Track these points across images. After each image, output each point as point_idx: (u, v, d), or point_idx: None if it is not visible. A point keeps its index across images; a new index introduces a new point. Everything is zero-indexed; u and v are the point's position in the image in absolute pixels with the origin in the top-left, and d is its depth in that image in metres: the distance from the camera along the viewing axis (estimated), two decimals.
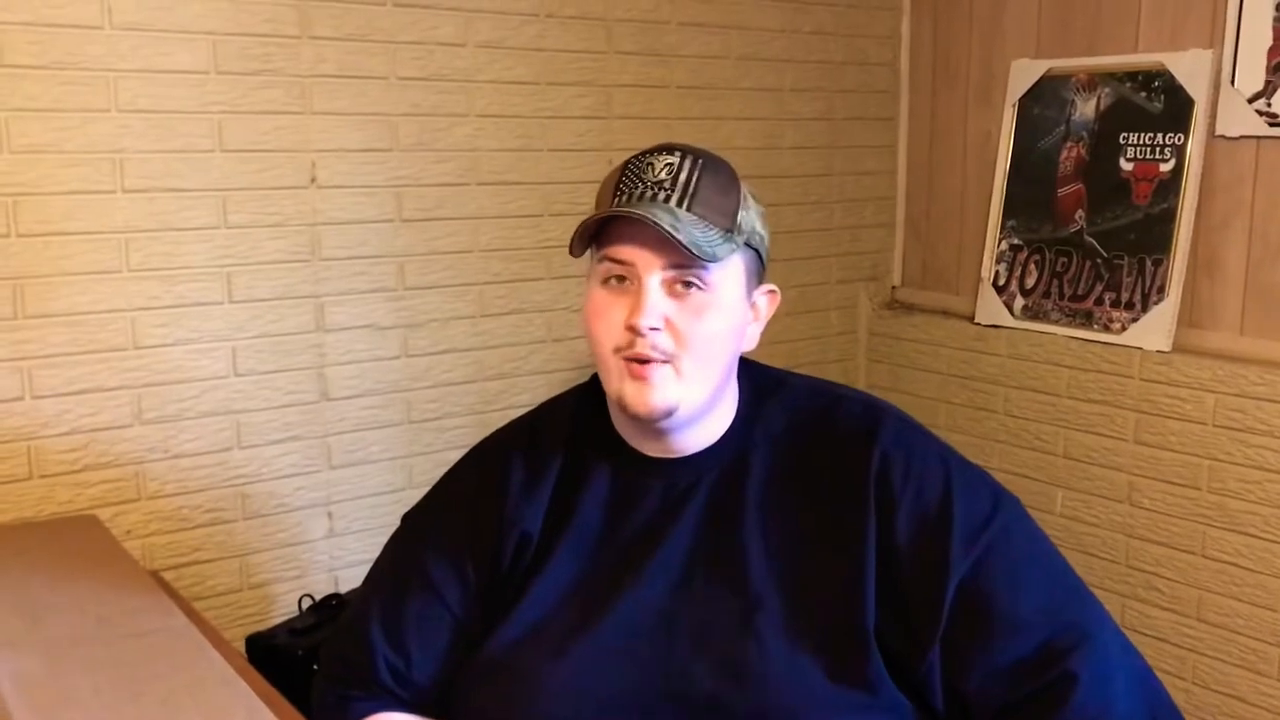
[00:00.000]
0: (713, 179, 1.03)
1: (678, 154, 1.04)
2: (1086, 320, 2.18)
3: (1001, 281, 2.33)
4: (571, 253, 1.04)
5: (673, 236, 0.97)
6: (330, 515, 1.89)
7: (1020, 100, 2.30)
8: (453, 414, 1.98)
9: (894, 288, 2.58)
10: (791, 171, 2.38)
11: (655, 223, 0.97)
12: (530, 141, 2.01)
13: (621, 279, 1.02)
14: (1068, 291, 2.21)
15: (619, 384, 1.02)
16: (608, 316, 1.02)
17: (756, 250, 1.06)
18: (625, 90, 2.12)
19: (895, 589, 1.01)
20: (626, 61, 2.11)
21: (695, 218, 1.00)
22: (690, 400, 1.02)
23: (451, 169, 1.93)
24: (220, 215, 1.72)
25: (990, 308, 2.35)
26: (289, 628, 1.71)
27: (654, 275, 1.00)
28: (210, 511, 1.77)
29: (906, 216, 2.57)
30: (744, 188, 1.06)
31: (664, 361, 1.01)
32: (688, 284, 1.01)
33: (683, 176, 1.02)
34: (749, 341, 1.08)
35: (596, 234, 1.03)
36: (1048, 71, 2.24)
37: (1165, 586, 2.08)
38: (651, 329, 0.99)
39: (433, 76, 1.89)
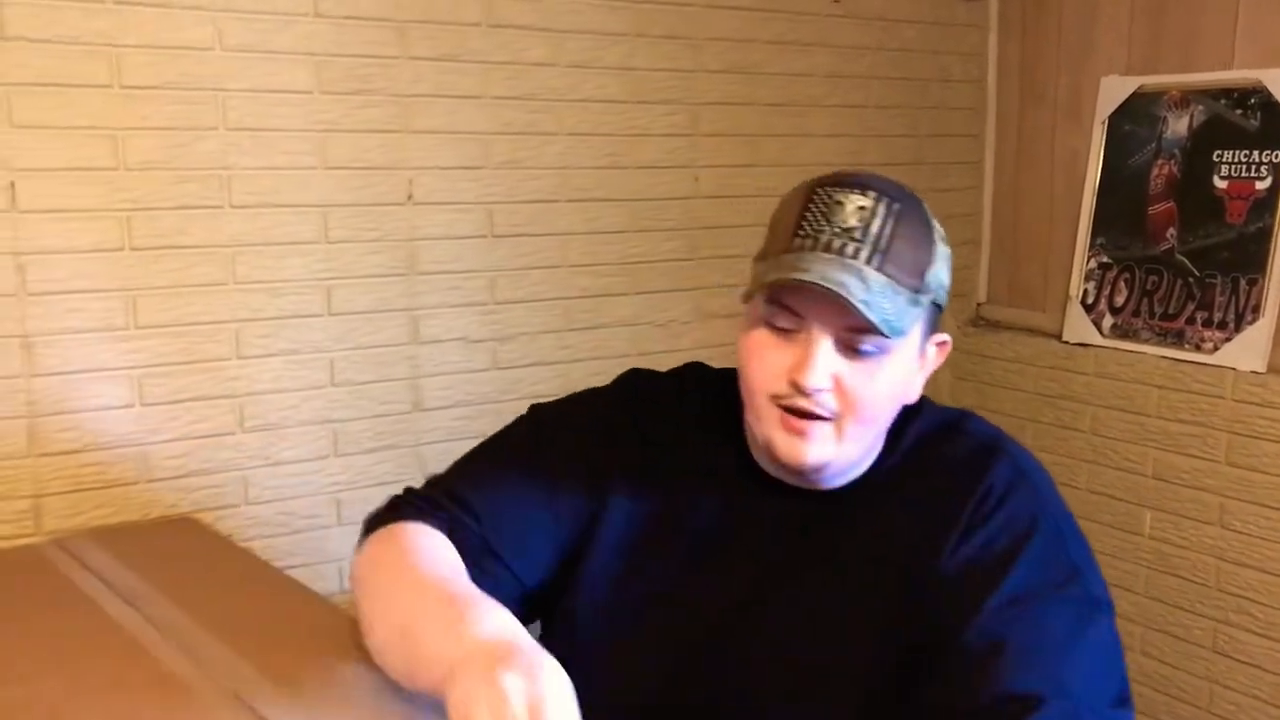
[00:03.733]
0: (907, 231, 0.93)
1: (872, 195, 0.94)
2: (1178, 340, 2.15)
3: (1090, 300, 2.31)
4: (743, 299, 0.97)
5: (863, 316, 0.89)
6: None
7: (1110, 117, 2.28)
8: None
9: (979, 305, 2.57)
10: None
11: (848, 299, 0.89)
12: (618, 159, 2.04)
13: (790, 330, 0.95)
14: (1158, 310, 2.19)
15: (769, 430, 0.97)
16: (768, 361, 0.96)
17: (938, 304, 0.99)
18: (712, 108, 2.14)
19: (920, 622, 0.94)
20: (713, 80, 2.14)
21: (885, 281, 0.91)
22: (844, 459, 0.98)
23: (541, 186, 1.97)
24: (322, 230, 1.78)
25: (1078, 326, 2.32)
26: None
27: (829, 335, 0.93)
28: (307, 518, 1.82)
29: (992, 233, 2.56)
30: (936, 233, 0.97)
31: (826, 419, 0.95)
32: (864, 347, 0.94)
33: (875, 226, 0.92)
34: (911, 394, 1.01)
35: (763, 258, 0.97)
36: (1139, 89, 2.22)
37: (1259, 611, 2.04)
38: (820, 389, 0.93)
39: (525, 96, 1.93)
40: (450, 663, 0.82)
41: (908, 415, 1.03)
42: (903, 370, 0.97)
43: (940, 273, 0.97)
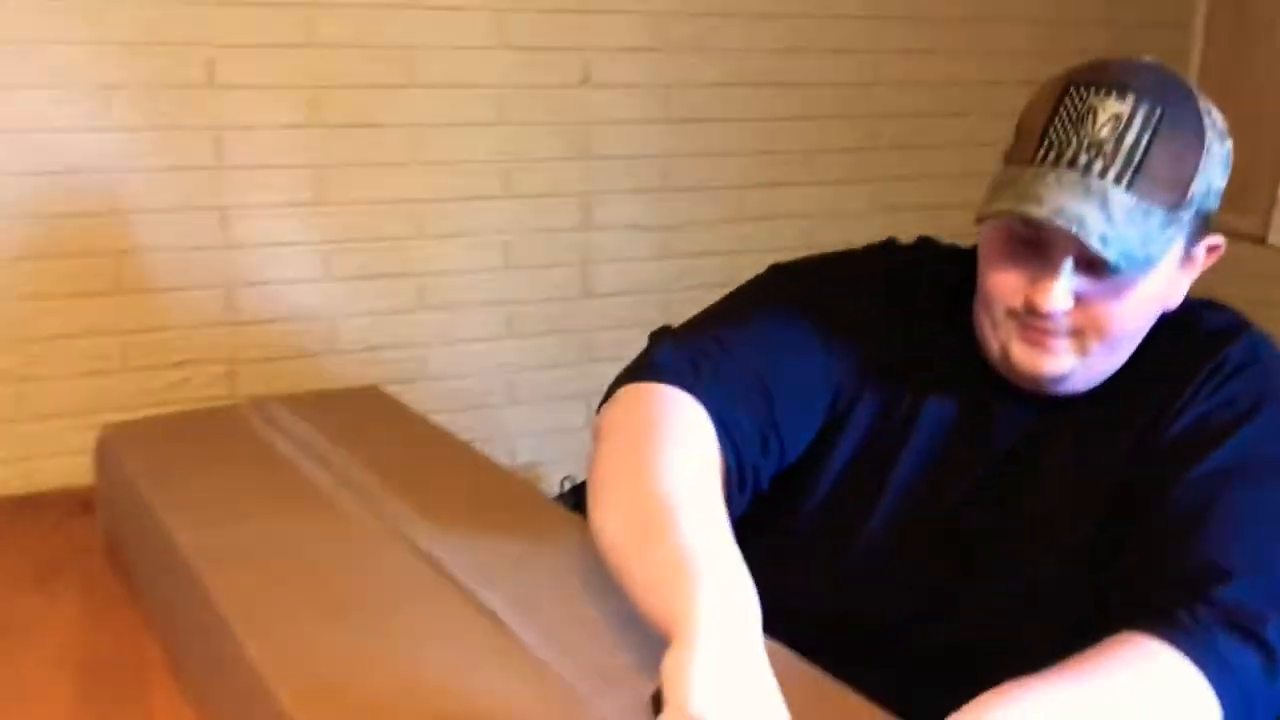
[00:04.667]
0: (1169, 140, 0.83)
1: (1130, 99, 0.84)
2: None
3: None
4: (975, 221, 0.88)
5: (1100, 254, 0.81)
6: (589, 407, 1.97)
7: None
8: None
9: None
10: None
11: (1084, 238, 0.81)
12: (800, 43, 1.99)
13: (1031, 240, 0.87)
14: None
15: (1006, 339, 0.91)
16: (1006, 275, 0.89)
17: (1208, 211, 0.88)
18: None
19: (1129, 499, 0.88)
20: None
21: (1134, 202, 0.82)
22: (1088, 376, 0.91)
23: (720, 70, 1.94)
24: (500, 112, 1.79)
25: None
26: None
27: (1071, 254, 0.85)
28: (481, 396, 1.88)
29: None
30: (1210, 132, 0.86)
31: (1067, 334, 0.88)
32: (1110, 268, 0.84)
33: (1130, 137, 0.83)
34: (1171, 301, 0.92)
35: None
36: None
37: None
38: (1060, 312, 0.86)
39: None
40: (672, 623, 0.76)
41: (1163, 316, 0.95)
42: (1157, 284, 0.88)
43: (1211, 178, 0.87)
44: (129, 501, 1.23)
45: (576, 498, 1.82)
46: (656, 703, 0.71)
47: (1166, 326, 0.94)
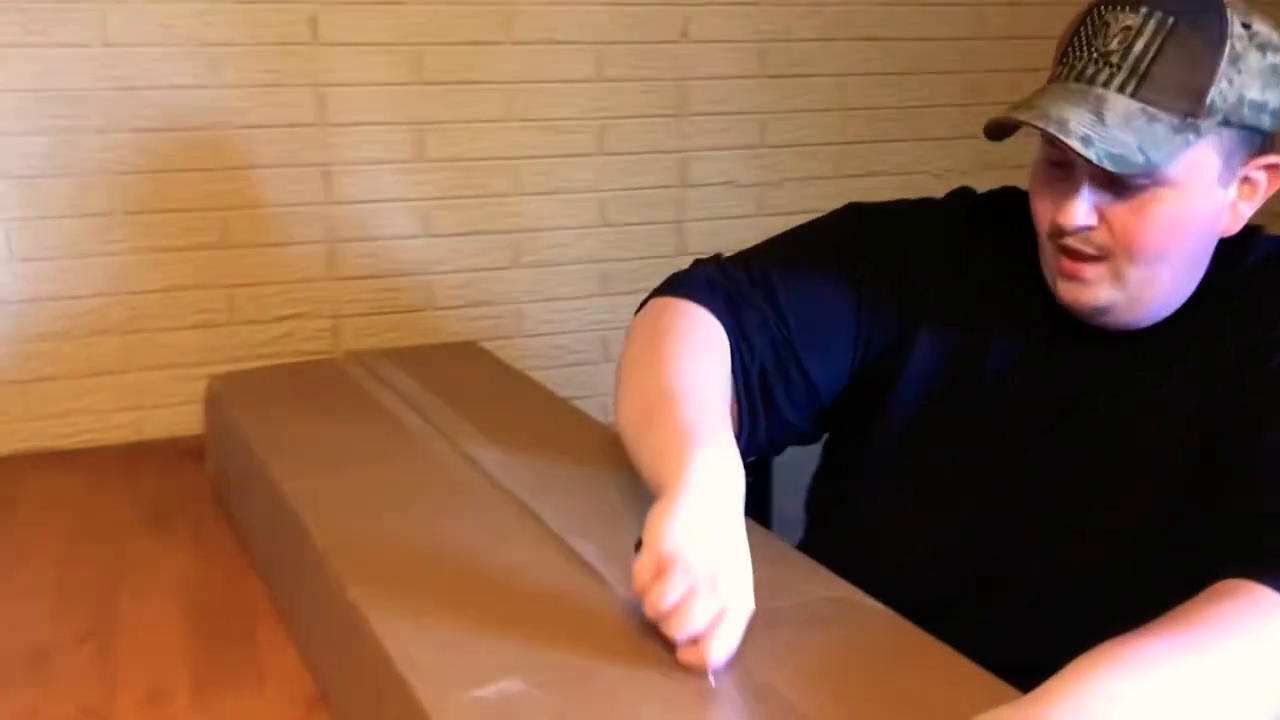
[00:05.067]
0: (1181, 47, 0.83)
1: (1143, 11, 0.84)
2: None
3: None
4: (989, 137, 0.90)
5: (1080, 155, 0.82)
6: None
7: None
8: None
9: None
10: None
11: (1057, 135, 0.82)
12: None
13: (1061, 164, 0.88)
14: None
15: (1051, 272, 0.92)
16: (1042, 199, 0.90)
17: (1252, 126, 0.85)
18: None
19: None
20: None
21: (1138, 108, 0.83)
22: (1129, 305, 0.89)
23: (819, 24, 1.90)
24: (596, 69, 1.79)
25: None
26: None
27: (1086, 170, 0.86)
28: (576, 353, 1.89)
29: None
30: (1238, 44, 0.83)
31: (1099, 259, 0.88)
32: (1131, 180, 0.84)
33: (1138, 46, 0.83)
34: (1224, 225, 0.89)
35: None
36: None
37: None
38: (1080, 228, 0.87)
39: None
40: (662, 483, 0.83)
41: (1242, 246, 0.92)
42: (1193, 204, 0.86)
43: (1242, 88, 0.84)
44: (237, 449, 1.27)
45: None
46: (638, 546, 0.79)
47: (1243, 257, 0.92)
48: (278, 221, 1.66)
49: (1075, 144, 0.81)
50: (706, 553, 0.76)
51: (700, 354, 0.97)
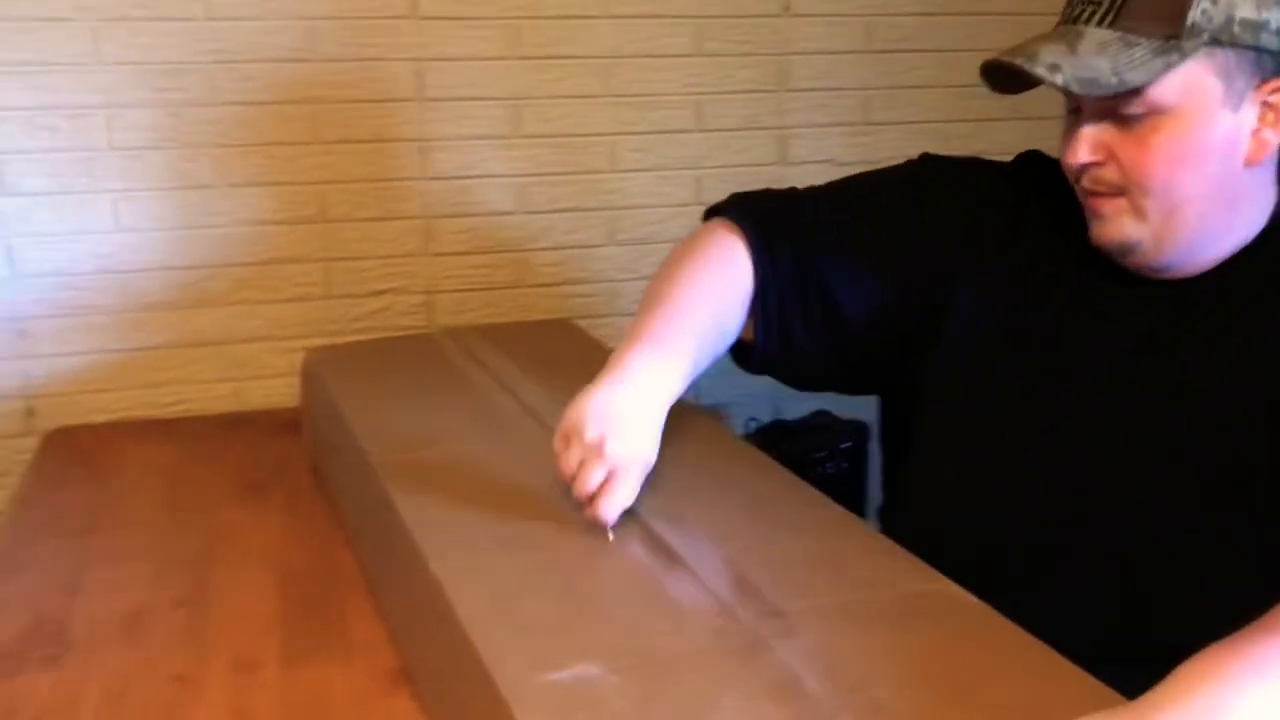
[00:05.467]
0: None
1: None
2: None
3: None
4: (991, 89, 0.94)
5: (1046, 80, 0.85)
6: None
7: None
8: None
9: None
10: None
11: (1029, 69, 0.85)
12: None
13: (1074, 110, 0.91)
14: None
15: (1086, 216, 0.94)
16: (1063, 145, 0.93)
17: (1251, 45, 0.85)
18: None
19: None
20: None
21: (1113, 36, 0.85)
22: (1155, 241, 0.89)
23: None
24: (695, 43, 1.76)
25: None
26: None
27: (1088, 106, 0.88)
28: None
29: None
30: None
31: (1117, 194, 0.89)
32: (1127, 111, 0.86)
33: None
34: (1255, 152, 0.88)
35: None
36: None
37: None
38: (1085, 164, 0.89)
39: None
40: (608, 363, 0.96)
41: None
42: (1195, 130, 0.86)
43: (1233, 9, 0.84)
44: (330, 422, 1.28)
45: (763, 437, 1.80)
46: None
47: None
48: (375, 196, 1.67)
49: (1041, 71, 0.85)
50: (597, 423, 0.90)
51: (702, 269, 1.05)
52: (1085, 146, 0.88)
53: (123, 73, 1.53)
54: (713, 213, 1.14)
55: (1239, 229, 0.91)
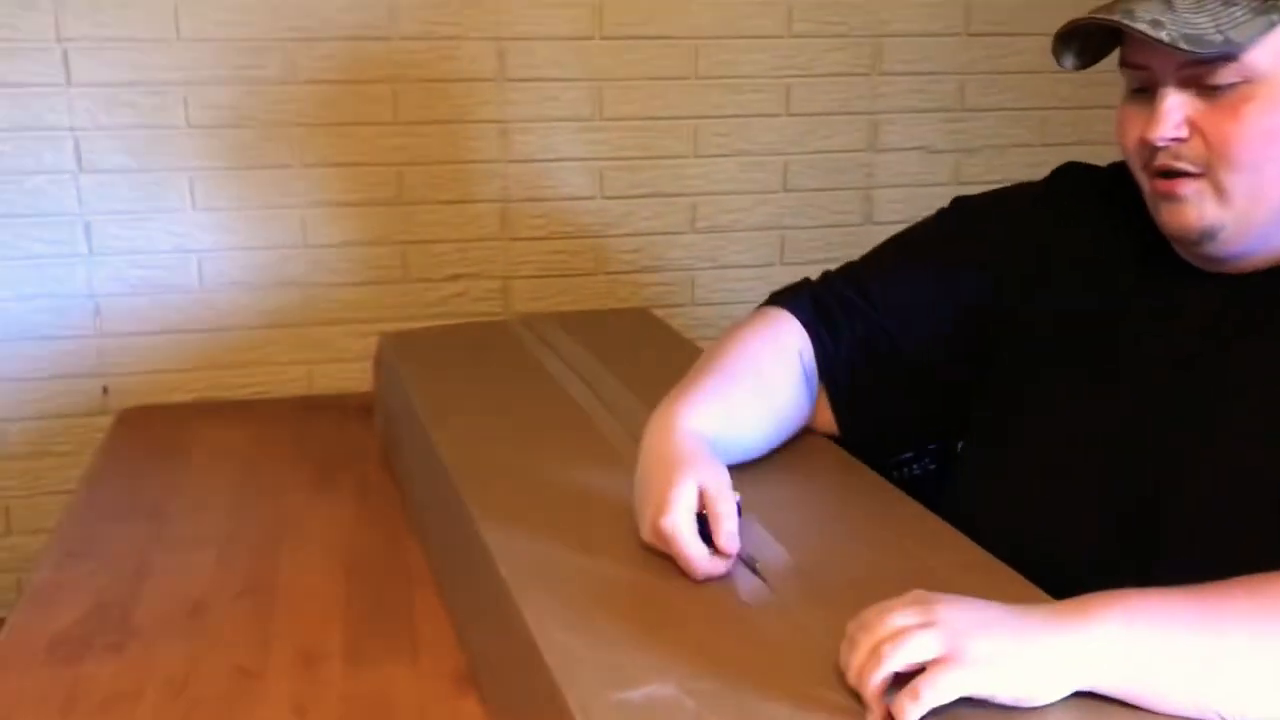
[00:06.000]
0: None
1: None
2: None
3: None
4: (1059, 63, 0.89)
5: (1150, 37, 0.78)
6: None
7: None
8: None
9: None
10: None
11: (1129, 25, 0.79)
12: None
13: (1142, 89, 0.85)
14: None
15: (1152, 202, 0.88)
16: (1129, 128, 0.86)
17: None
18: None
19: None
20: None
21: None
22: (1239, 226, 0.83)
23: None
24: (785, 24, 1.69)
25: None
26: None
27: (1170, 77, 0.82)
28: None
29: None
30: None
31: (1197, 175, 0.83)
32: (1215, 81, 0.81)
33: None
34: None
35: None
36: None
37: None
38: (1170, 140, 0.82)
39: None
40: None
41: None
42: None
43: None
44: (401, 410, 1.25)
45: None
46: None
47: None
48: (453, 178, 1.64)
49: (1144, 28, 0.79)
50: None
51: (751, 340, 1.04)
52: (1169, 121, 0.82)
53: (202, 49, 1.52)
54: (767, 300, 1.12)
55: None
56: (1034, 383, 0.96)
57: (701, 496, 0.84)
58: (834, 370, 1.04)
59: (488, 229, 1.66)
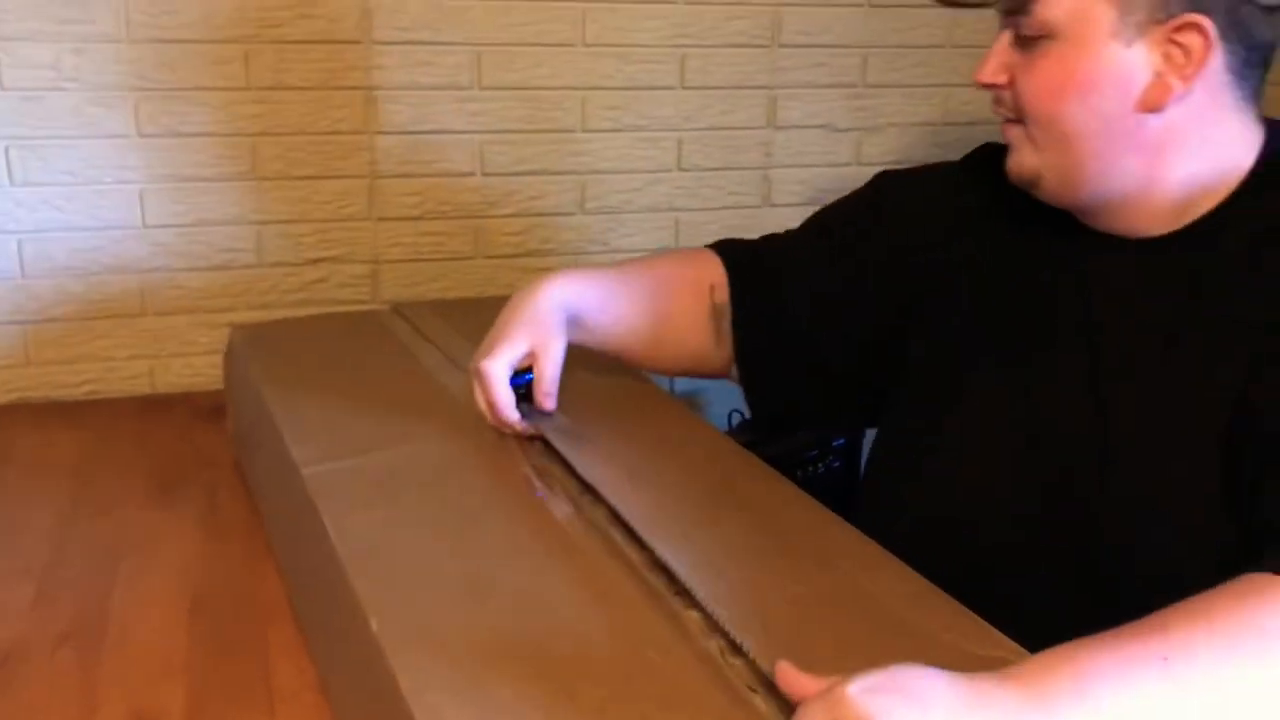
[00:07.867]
0: None
1: None
2: None
3: None
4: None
5: None
6: None
7: None
8: None
9: None
10: None
11: None
12: None
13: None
14: None
15: None
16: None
17: None
18: None
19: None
20: None
21: None
22: (1056, 170, 0.86)
23: None
24: None
25: None
26: None
27: (1006, 28, 0.87)
28: None
29: None
30: None
31: (1016, 122, 0.87)
32: (1023, 33, 0.84)
33: None
34: (1157, 97, 0.81)
35: None
36: None
37: None
38: (991, 85, 0.87)
39: None
40: None
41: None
42: (1082, 58, 0.82)
43: None
44: (255, 414, 1.11)
45: (746, 434, 1.64)
46: None
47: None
48: (314, 151, 1.48)
49: None
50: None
51: (665, 258, 1.10)
52: (990, 66, 0.87)
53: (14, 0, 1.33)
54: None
55: (1174, 182, 0.84)
56: (952, 365, 0.96)
57: (532, 357, 0.93)
58: (750, 325, 1.06)
59: (353, 208, 1.51)
